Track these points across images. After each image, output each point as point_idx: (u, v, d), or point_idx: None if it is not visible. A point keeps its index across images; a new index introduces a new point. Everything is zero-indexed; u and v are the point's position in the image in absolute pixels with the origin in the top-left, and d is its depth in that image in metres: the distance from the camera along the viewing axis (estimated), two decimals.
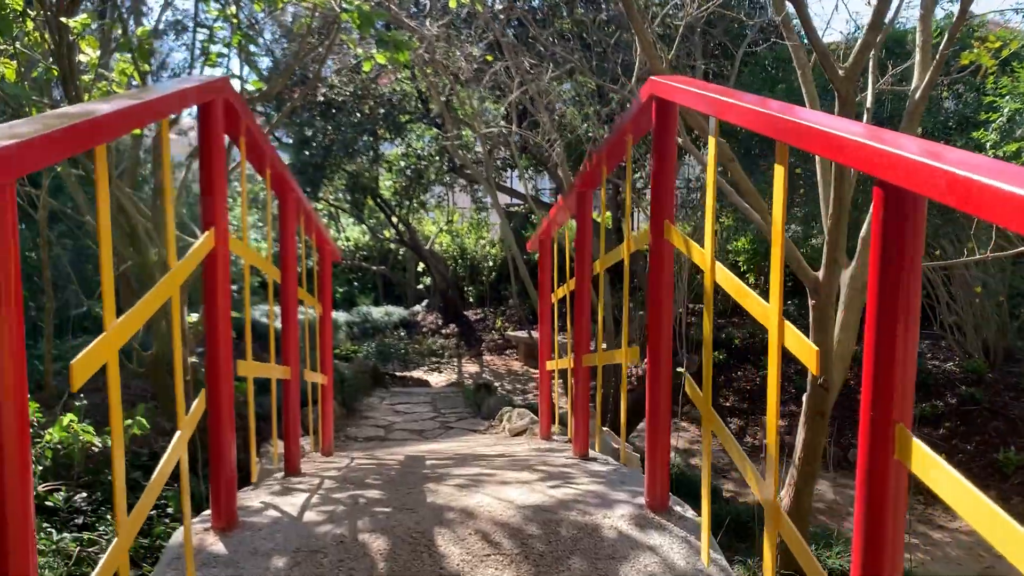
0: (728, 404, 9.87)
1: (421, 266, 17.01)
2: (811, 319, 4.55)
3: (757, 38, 8.17)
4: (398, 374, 10.70)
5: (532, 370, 12.40)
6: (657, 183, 2.42)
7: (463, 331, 14.46)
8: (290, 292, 3.47)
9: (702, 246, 2.01)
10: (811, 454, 4.64)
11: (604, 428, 3.45)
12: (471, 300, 16.43)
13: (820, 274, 4.43)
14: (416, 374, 11.03)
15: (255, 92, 5.49)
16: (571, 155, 9.07)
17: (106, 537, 4.32)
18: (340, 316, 15.37)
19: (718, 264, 1.96)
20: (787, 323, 1.50)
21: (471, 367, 12.54)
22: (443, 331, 14.62)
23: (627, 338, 2.88)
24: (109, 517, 4.65)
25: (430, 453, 4.49)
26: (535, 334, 12.53)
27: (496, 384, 11.58)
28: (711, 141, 1.95)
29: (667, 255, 2.42)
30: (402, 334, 14.53)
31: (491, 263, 16.42)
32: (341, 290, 17.94)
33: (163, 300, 1.79)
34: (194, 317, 5.55)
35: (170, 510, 4.59)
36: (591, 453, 3.72)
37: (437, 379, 10.96)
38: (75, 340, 8.91)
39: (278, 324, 3.60)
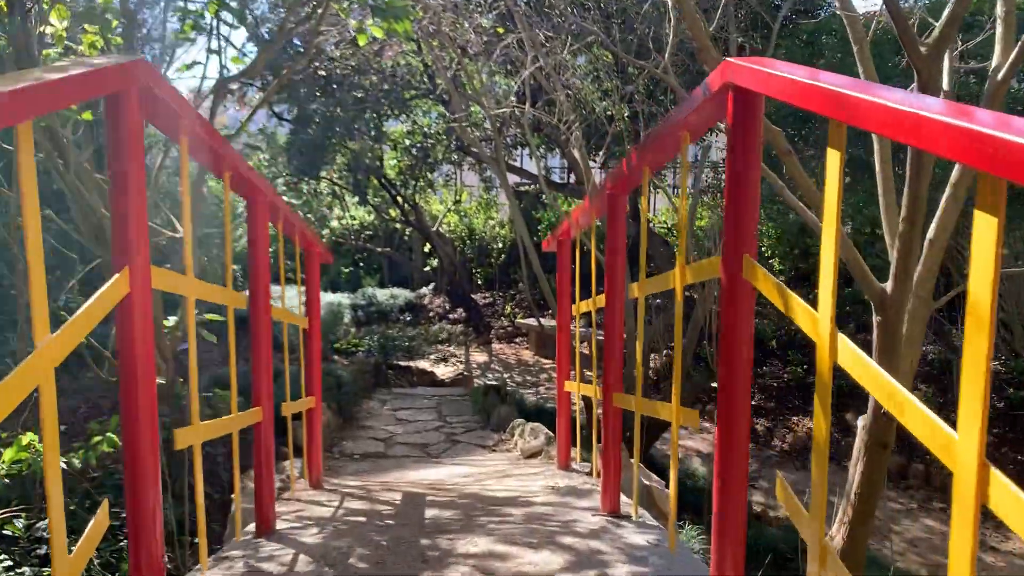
0: (753, 403, 9.25)
1: (427, 247, 16.40)
2: (875, 336, 3.93)
3: (795, 7, 7.43)
4: (402, 364, 10.13)
5: (543, 360, 11.81)
6: (735, 201, 1.79)
7: (471, 316, 13.86)
8: (261, 322, 2.86)
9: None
10: (869, 490, 4.05)
11: (634, 462, 2.85)
12: (479, 283, 15.81)
13: (888, 286, 3.80)
14: (422, 364, 10.45)
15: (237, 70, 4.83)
16: (588, 136, 8.38)
17: None
18: (344, 299, 14.77)
19: (843, 338, 1.34)
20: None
21: (479, 356, 11.95)
22: (450, 316, 14.02)
23: (679, 390, 2.25)
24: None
25: (433, 488, 3.91)
26: (546, 322, 11.90)
27: (506, 376, 11.00)
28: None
29: (745, 300, 1.79)
30: (408, 318, 13.94)
31: (500, 245, 15.78)
32: (346, 271, 17.34)
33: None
34: (171, 321, 4.96)
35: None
36: (622, 508, 3.12)
37: (444, 371, 10.38)
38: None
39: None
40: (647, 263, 3.27)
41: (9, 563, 3.89)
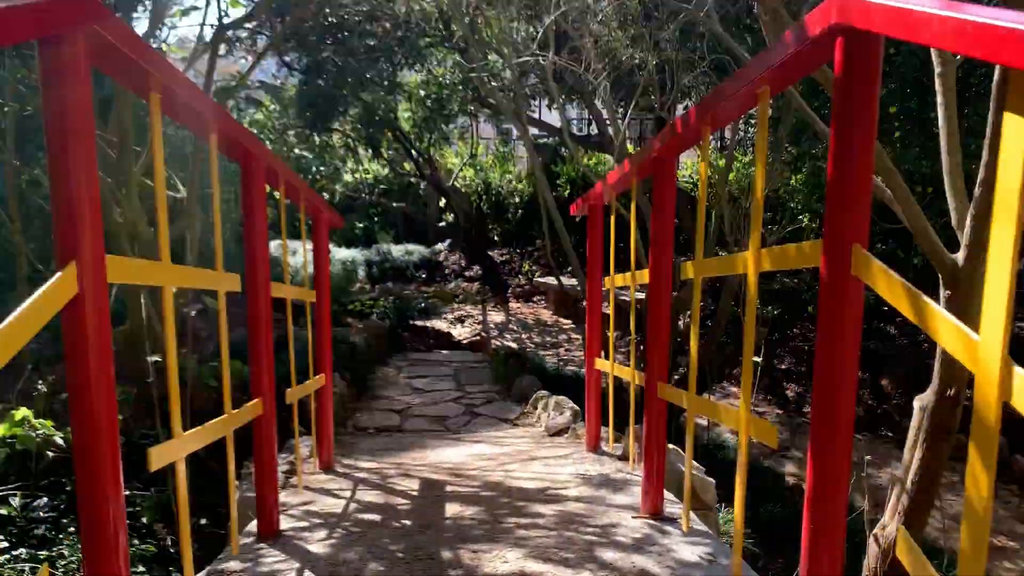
0: (783, 366, 8.91)
1: (443, 202, 15.99)
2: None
3: None
4: (419, 324, 9.84)
5: (563, 320, 11.48)
6: (844, 175, 1.41)
7: (487, 274, 13.52)
8: (260, 302, 2.52)
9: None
10: (928, 478, 3.73)
11: (687, 467, 2.52)
12: (496, 239, 15.42)
13: (959, 257, 3.40)
14: (438, 325, 10.15)
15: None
16: (614, 88, 7.89)
17: (73, 561, 3.48)
18: (358, 255, 14.46)
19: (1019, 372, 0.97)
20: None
21: (496, 316, 11.64)
22: (466, 273, 13.69)
23: (748, 398, 1.90)
24: (74, 529, 3.83)
25: (454, 475, 3.60)
26: (565, 280, 11.55)
27: (524, 337, 10.69)
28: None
29: (853, 304, 1.42)
30: (423, 276, 13.64)
31: (518, 200, 15.33)
32: (360, 226, 16.98)
33: None
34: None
35: None
36: (665, 507, 2.80)
37: (461, 332, 10.09)
38: None
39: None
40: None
41: (4, 544, 3.64)
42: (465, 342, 9.45)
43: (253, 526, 2.72)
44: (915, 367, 8.13)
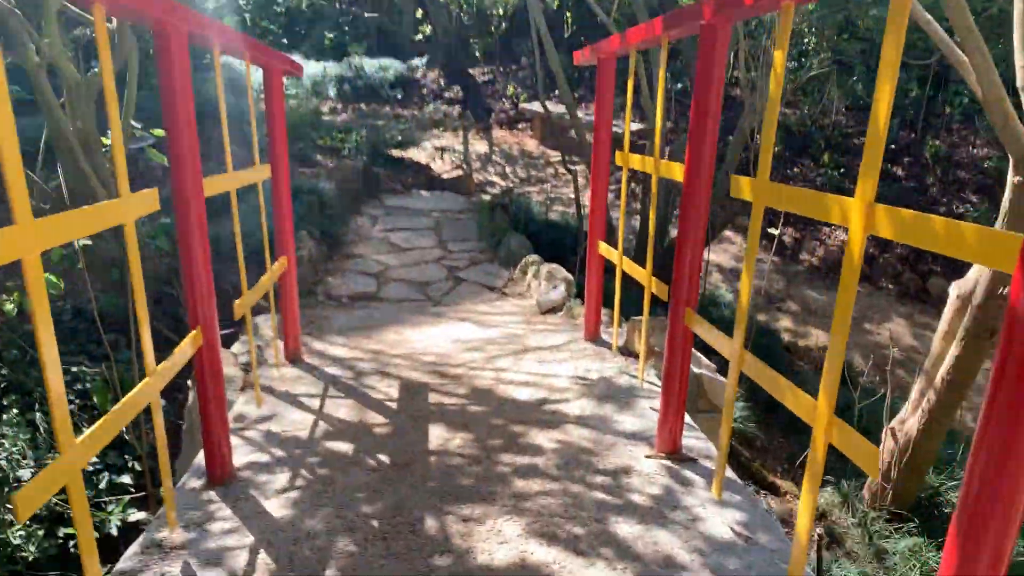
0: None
1: (420, 13, 14.64)
2: (1007, 200, 3.03)
3: None
4: (395, 155, 9.15)
5: (549, 151, 10.77)
6: None
7: (468, 97, 12.59)
8: (190, 207, 1.95)
9: None
10: (962, 378, 3.37)
11: (721, 450, 2.13)
12: (477, 55, 14.28)
13: None
14: (417, 156, 9.45)
15: None
16: None
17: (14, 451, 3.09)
18: (330, 68, 13.34)
19: None
20: None
21: (479, 146, 10.91)
22: (445, 95, 12.74)
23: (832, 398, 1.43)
24: (16, 411, 3.45)
25: (437, 372, 3.19)
26: (552, 107, 10.71)
27: (508, 171, 10.05)
28: None
29: None
30: (399, 96, 12.67)
31: (501, 11, 14.06)
32: (330, 36, 15.63)
33: None
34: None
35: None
36: (684, 444, 2.42)
37: (441, 166, 9.42)
38: None
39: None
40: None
41: None
42: (446, 178, 8.81)
43: (201, 460, 2.30)
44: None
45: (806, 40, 7.27)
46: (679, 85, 10.35)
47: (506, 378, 3.14)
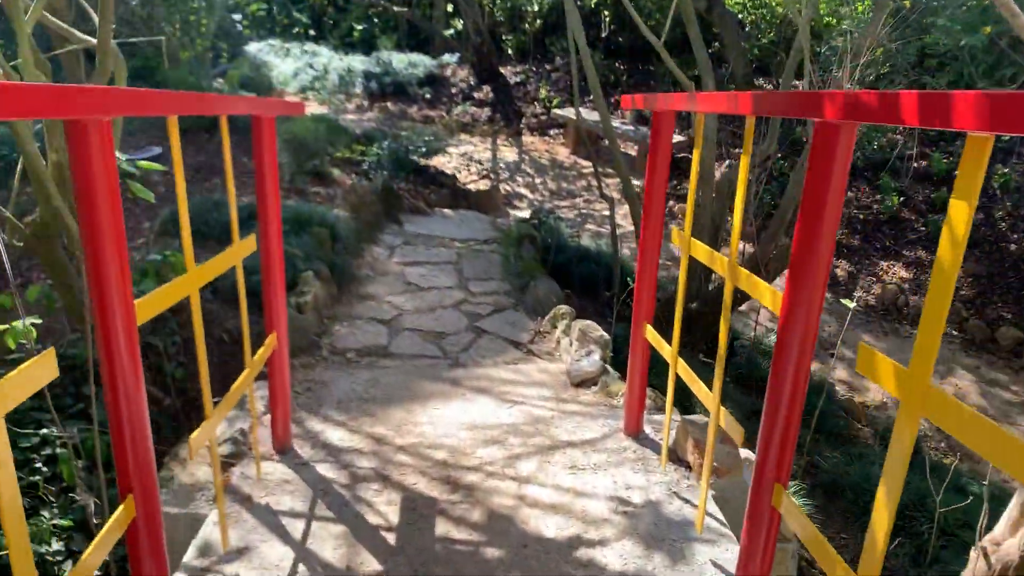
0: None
1: (450, 7, 14.10)
2: None
3: None
4: (421, 163, 8.65)
5: (581, 162, 10.20)
6: None
7: (499, 98, 12.02)
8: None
9: None
10: None
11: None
12: (510, 53, 13.71)
13: None
14: (442, 165, 8.94)
15: None
16: None
17: None
18: (357, 63, 12.85)
19: None
20: None
21: (508, 153, 10.36)
22: (475, 95, 12.19)
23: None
24: None
25: (447, 480, 2.68)
26: (586, 113, 10.12)
27: (538, 182, 9.50)
28: None
29: None
30: (427, 95, 12.15)
31: (536, 7, 13.47)
32: (359, 28, 15.16)
33: None
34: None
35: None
36: None
37: (466, 176, 8.91)
38: None
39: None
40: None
41: None
42: (472, 190, 8.29)
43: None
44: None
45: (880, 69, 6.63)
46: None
47: (530, 496, 2.62)
